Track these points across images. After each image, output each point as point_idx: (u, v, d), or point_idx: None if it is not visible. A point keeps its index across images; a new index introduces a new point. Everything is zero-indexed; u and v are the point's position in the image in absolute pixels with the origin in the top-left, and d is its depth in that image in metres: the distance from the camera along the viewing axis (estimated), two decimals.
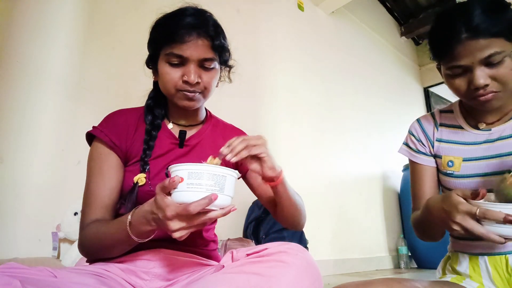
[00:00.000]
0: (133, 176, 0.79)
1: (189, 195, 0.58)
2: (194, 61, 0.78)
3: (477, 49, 0.73)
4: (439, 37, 0.80)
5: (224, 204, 0.60)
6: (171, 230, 0.59)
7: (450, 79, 0.80)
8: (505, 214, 0.62)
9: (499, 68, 0.74)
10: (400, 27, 4.68)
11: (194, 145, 0.88)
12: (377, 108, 3.80)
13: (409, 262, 3.30)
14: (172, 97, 0.82)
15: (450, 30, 0.76)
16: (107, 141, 0.80)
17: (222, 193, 0.59)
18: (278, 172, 0.76)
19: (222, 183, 0.59)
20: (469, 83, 0.77)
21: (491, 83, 0.75)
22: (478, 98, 0.77)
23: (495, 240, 0.65)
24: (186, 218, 0.59)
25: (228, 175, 0.61)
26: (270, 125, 2.62)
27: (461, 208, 0.66)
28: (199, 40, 0.78)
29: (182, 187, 0.58)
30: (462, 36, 0.74)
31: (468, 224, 0.66)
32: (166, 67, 0.80)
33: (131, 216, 0.66)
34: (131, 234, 0.66)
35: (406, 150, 0.98)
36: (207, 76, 0.81)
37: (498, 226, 0.64)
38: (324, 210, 2.82)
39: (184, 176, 0.58)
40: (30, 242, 1.46)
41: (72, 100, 1.68)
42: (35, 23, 1.64)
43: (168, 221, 0.58)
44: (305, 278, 0.57)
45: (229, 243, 1.79)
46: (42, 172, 1.54)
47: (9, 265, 0.55)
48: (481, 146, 0.85)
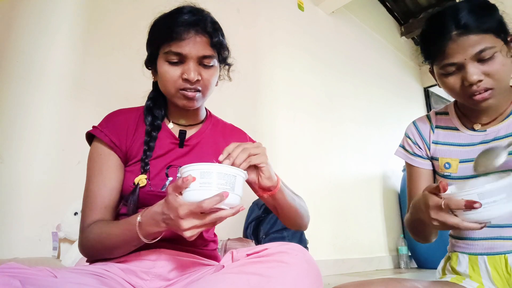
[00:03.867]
0: (133, 176, 0.79)
1: (201, 193, 0.59)
2: (193, 59, 0.78)
3: (468, 45, 0.75)
4: (431, 37, 0.82)
5: (234, 203, 0.62)
6: (183, 229, 0.60)
7: (444, 78, 0.81)
8: (465, 201, 0.62)
9: (491, 64, 0.75)
10: (400, 27, 4.68)
11: (194, 145, 0.88)
12: (377, 108, 3.80)
13: (409, 262, 3.30)
14: (172, 97, 0.82)
15: (441, 29, 0.78)
16: (107, 141, 0.80)
17: (232, 192, 0.61)
18: (275, 181, 0.75)
19: (232, 182, 0.61)
20: (463, 81, 0.77)
21: (485, 79, 0.76)
22: (474, 96, 0.77)
23: (471, 227, 0.65)
24: (198, 216, 0.60)
25: (238, 175, 0.63)
26: (270, 125, 2.62)
27: (430, 204, 0.68)
28: (198, 37, 0.78)
29: (195, 186, 0.60)
30: (453, 33, 0.76)
31: (441, 217, 0.67)
32: (165, 66, 0.79)
33: (141, 217, 0.67)
34: (140, 234, 0.66)
35: (402, 153, 0.98)
36: (206, 73, 0.81)
37: (471, 213, 0.64)
38: (324, 210, 2.82)
39: (196, 176, 0.60)
40: (30, 242, 1.46)
41: (72, 100, 1.68)
42: (35, 23, 1.64)
43: (181, 220, 0.59)
44: (306, 278, 0.57)
45: (229, 243, 1.79)
46: (42, 172, 1.54)
47: (9, 265, 0.55)
48: (477, 147, 0.86)
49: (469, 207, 0.62)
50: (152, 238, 0.68)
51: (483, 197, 0.62)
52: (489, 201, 0.62)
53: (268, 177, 0.73)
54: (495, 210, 0.63)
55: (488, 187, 0.63)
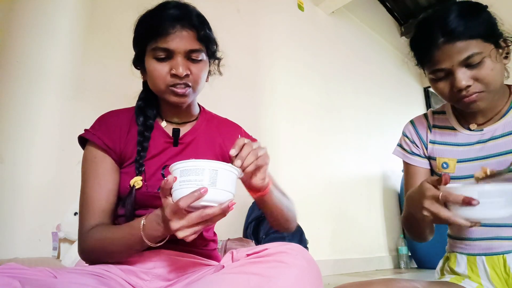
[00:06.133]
0: (129, 178, 0.78)
1: (181, 192, 0.58)
2: (180, 53, 0.77)
3: (455, 52, 0.75)
4: (419, 44, 0.82)
5: (220, 199, 0.59)
6: (173, 229, 0.59)
7: (434, 83, 0.82)
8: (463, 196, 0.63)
9: (480, 69, 0.75)
10: (400, 27, 4.68)
11: (189, 142, 0.87)
12: (377, 108, 3.80)
13: (409, 262, 3.30)
14: (162, 95, 0.81)
15: (428, 36, 0.78)
16: (100, 144, 0.79)
17: (214, 187, 0.58)
18: (266, 183, 0.73)
19: (213, 177, 0.59)
20: (452, 86, 0.78)
21: (474, 84, 0.76)
22: (462, 100, 0.78)
23: (461, 223, 0.65)
24: (182, 215, 0.59)
25: (219, 169, 0.59)
26: (270, 125, 2.62)
27: (427, 194, 0.68)
28: (184, 31, 0.78)
29: (176, 185, 0.59)
30: (439, 41, 0.76)
31: (435, 208, 0.67)
32: (153, 63, 0.78)
33: (145, 220, 0.66)
34: (144, 238, 0.66)
35: (400, 152, 0.98)
36: (195, 68, 0.79)
37: (465, 209, 0.64)
38: (324, 210, 2.82)
39: (177, 175, 0.59)
40: (30, 242, 1.46)
41: (72, 100, 1.68)
42: (35, 23, 1.64)
43: (170, 221, 0.59)
44: (306, 278, 0.57)
45: (229, 243, 1.79)
46: (42, 172, 1.54)
47: (9, 266, 0.55)
48: (474, 147, 0.86)
49: (467, 202, 0.62)
50: (156, 242, 0.67)
51: (482, 196, 0.63)
52: (487, 201, 0.63)
53: (263, 178, 0.72)
54: (490, 212, 0.63)
55: (489, 187, 0.64)
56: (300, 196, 2.52)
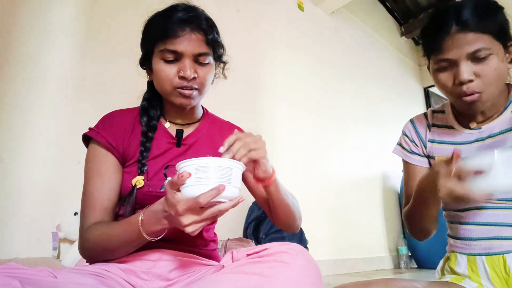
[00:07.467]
0: (131, 178, 0.79)
1: (198, 188, 0.59)
2: (188, 56, 0.78)
3: (465, 43, 0.75)
4: (431, 31, 0.82)
5: (232, 196, 0.62)
6: (183, 225, 0.60)
7: (437, 73, 0.82)
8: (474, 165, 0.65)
9: (484, 65, 0.75)
10: (400, 27, 4.68)
11: (192, 144, 0.87)
12: (377, 108, 3.80)
13: (409, 262, 3.30)
14: (168, 96, 0.82)
15: (441, 24, 0.78)
16: (104, 143, 0.80)
17: (229, 184, 0.61)
18: (270, 173, 0.76)
19: (228, 174, 0.61)
20: (454, 78, 0.78)
21: (475, 80, 0.76)
22: (462, 97, 0.78)
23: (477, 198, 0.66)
24: (197, 211, 0.60)
25: (234, 167, 0.63)
26: (270, 125, 2.62)
27: (441, 171, 0.69)
28: (193, 35, 0.78)
29: (191, 181, 0.60)
30: (452, 29, 0.76)
31: (451, 184, 0.68)
32: (161, 64, 0.79)
33: (143, 215, 0.67)
34: (143, 232, 0.67)
35: (400, 151, 0.99)
36: (202, 71, 0.80)
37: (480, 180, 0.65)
38: (324, 210, 2.83)
39: (191, 171, 0.60)
40: (30, 242, 1.46)
41: (72, 100, 1.68)
42: (35, 23, 1.64)
43: (180, 217, 0.60)
44: (306, 278, 0.57)
45: (229, 243, 1.79)
46: (42, 172, 1.54)
47: (9, 265, 0.55)
48: (473, 145, 0.86)
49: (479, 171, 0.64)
50: (155, 236, 0.68)
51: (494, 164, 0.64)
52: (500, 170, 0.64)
53: (264, 170, 0.74)
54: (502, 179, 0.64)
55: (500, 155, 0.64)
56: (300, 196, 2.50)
